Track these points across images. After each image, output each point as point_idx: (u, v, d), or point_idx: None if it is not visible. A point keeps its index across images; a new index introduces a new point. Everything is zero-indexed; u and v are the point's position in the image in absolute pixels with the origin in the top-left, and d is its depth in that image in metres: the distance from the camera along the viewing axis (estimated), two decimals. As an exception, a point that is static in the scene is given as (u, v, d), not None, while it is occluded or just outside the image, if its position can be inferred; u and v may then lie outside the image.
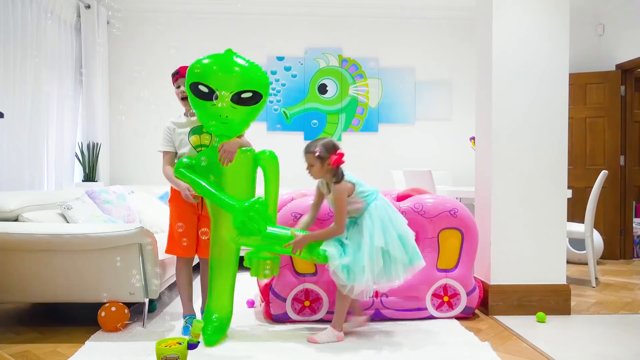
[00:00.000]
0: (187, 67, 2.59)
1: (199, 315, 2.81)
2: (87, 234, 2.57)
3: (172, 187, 2.75)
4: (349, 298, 2.52)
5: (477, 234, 2.94)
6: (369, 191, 2.54)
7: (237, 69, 2.44)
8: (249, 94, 2.44)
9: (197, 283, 2.94)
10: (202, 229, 2.71)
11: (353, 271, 2.42)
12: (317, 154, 2.47)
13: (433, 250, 2.88)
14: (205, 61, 2.45)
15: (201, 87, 2.41)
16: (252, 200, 2.41)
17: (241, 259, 2.58)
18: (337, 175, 2.50)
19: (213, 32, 5.28)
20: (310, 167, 2.53)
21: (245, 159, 2.52)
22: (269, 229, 2.46)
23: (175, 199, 2.73)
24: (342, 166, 2.53)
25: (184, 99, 2.70)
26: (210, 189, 2.43)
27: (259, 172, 2.60)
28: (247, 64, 2.46)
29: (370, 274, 2.41)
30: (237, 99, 2.43)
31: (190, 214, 2.72)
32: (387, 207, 2.55)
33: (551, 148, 3.09)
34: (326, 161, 2.48)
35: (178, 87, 2.77)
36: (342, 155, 2.49)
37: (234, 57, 2.47)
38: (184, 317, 2.74)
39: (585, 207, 3.95)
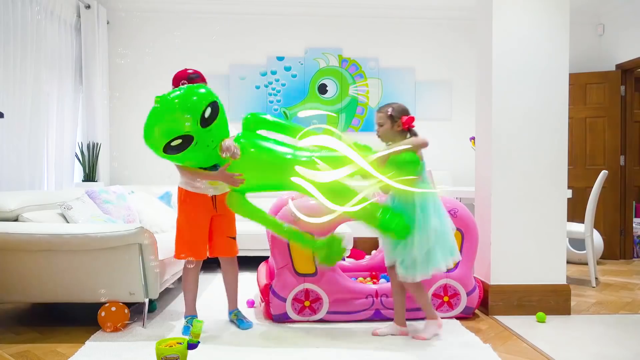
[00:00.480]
0: (183, 71, 2.59)
1: (200, 316, 2.81)
2: (87, 234, 2.57)
3: (183, 190, 2.65)
4: (404, 292, 2.60)
5: (477, 234, 2.94)
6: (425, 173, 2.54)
7: (176, 101, 2.28)
8: (209, 110, 2.31)
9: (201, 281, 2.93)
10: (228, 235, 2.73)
11: (413, 263, 2.43)
12: (389, 112, 2.51)
13: (433, 250, 2.87)
14: (154, 123, 2.31)
15: (175, 143, 2.28)
16: (328, 239, 2.48)
17: (239, 259, 2.58)
18: (411, 136, 2.51)
19: (213, 32, 5.27)
20: (379, 126, 2.55)
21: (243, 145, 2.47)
22: None
23: (187, 201, 2.64)
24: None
25: None
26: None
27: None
28: (180, 91, 2.32)
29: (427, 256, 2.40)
30: (205, 122, 2.30)
31: (204, 216, 2.66)
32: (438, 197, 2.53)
33: (551, 148, 3.09)
34: (397, 122, 2.51)
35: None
36: (413, 118, 2.51)
37: (168, 97, 2.30)
38: (185, 317, 2.74)
39: (585, 207, 3.95)
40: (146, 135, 2.32)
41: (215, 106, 2.34)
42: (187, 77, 2.58)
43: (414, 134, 2.54)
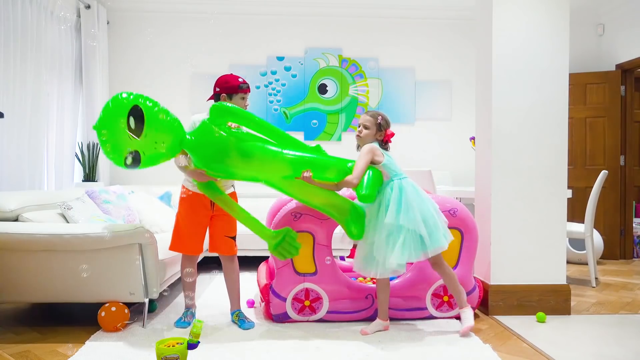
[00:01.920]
0: (226, 77, 2.67)
1: (200, 316, 2.82)
2: (87, 234, 2.57)
3: (184, 187, 2.76)
4: (387, 289, 2.68)
5: (476, 234, 2.94)
6: (398, 170, 2.62)
7: (102, 129, 2.21)
8: (131, 120, 2.19)
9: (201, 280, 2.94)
10: (226, 234, 2.78)
11: (371, 257, 2.54)
12: (379, 120, 2.63)
13: (433, 250, 2.88)
14: (105, 152, 2.27)
15: (128, 161, 2.24)
16: (283, 231, 2.55)
17: (239, 258, 2.58)
18: (382, 147, 2.63)
19: (213, 32, 5.28)
20: (364, 128, 2.64)
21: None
22: None
23: (186, 198, 2.75)
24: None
25: None
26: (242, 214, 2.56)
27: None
28: (101, 114, 2.22)
29: (390, 251, 2.47)
30: (136, 132, 2.21)
31: (202, 215, 2.75)
32: (414, 190, 2.58)
33: (551, 148, 3.09)
34: (382, 132, 2.64)
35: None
36: (393, 134, 2.67)
37: (97, 127, 2.22)
38: (185, 309, 2.82)
39: (585, 207, 3.95)
40: (111, 160, 2.30)
41: (135, 113, 2.21)
42: (238, 87, 2.66)
43: (387, 148, 2.68)
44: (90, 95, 4.81)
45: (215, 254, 2.99)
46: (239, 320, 2.78)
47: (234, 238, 2.81)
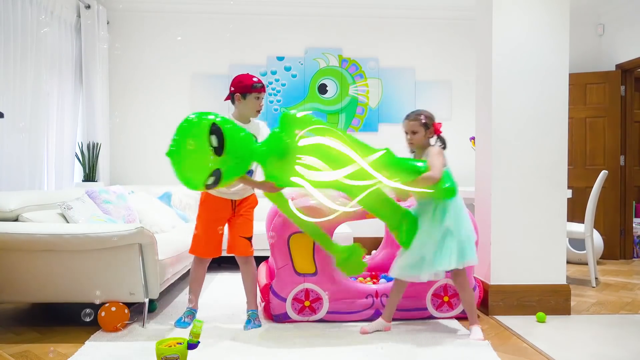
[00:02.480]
0: (241, 77, 2.65)
1: (200, 316, 2.82)
2: (87, 234, 2.57)
3: (205, 191, 2.73)
4: (402, 292, 2.68)
5: (477, 234, 2.93)
6: (453, 179, 2.60)
7: (182, 150, 2.21)
8: (213, 138, 2.20)
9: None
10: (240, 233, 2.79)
11: (419, 260, 2.54)
12: (422, 120, 2.58)
13: (433, 250, 2.87)
14: (182, 175, 2.26)
15: (209, 181, 2.24)
16: (351, 246, 2.53)
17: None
18: (441, 143, 2.62)
19: (213, 32, 5.28)
20: (413, 134, 2.61)
21: None
22: None
23: (207, 202, 2.76)
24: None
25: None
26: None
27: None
28: (176, 137, 2.21)
29: (440, 254, 2.50)
30: (218, 150, 2.22)
31: (221, 218, 2.77)
32: (461, 199, 2.63)
33: (551, 148, 3.09)
34: (430, 129, 2.60)
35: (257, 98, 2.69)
36: (441, 124, 2.64)
37: (174, 150, 2.22)
38: (187, 308, 2.85)
39: (585, 207, 3.95)
40: (190, 187, 2.31)
41: (216, 129, 2.21)
42: (252, 87, 2.63)
43: (443, 141, 2.65)
44: (90, 95, 4.81)
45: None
46: (247, 319, 2.78)
47: (249, 239, 2.81)
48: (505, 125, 3.08)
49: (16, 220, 2.79)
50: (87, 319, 2.67)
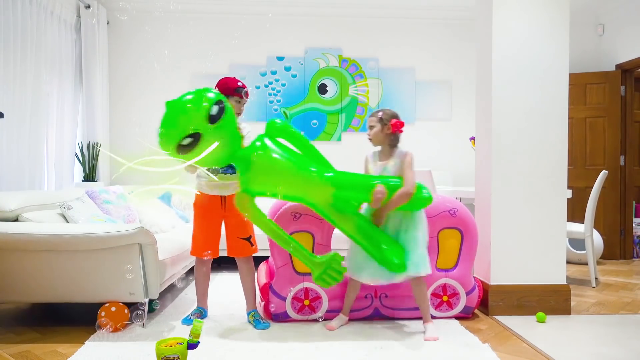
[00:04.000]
0: (226, 80, 2.73)
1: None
2: (87, 234, 2.57)
3: (196, 193, 2.81)
4: (424, 285, 2.71)
5: (476, 234, 2.94)
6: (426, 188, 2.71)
7: (183, 101, 2.35)
8: (215, 108, 2.31)
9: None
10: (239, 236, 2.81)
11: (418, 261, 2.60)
12: (379, 115, 2.71)
13: (432, 249, 2.88)
14: (164, 126, 2.35)
15: (185, 142, 2.29)
16: (328, 257, 2.51)
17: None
18: (395, 141, 2.72)
19: (213, 32, 5.28)
20: (370, 129, 2.74)
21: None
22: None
23: (198, 203, 2.81)
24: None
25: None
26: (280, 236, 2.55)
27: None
28: (189, 95, 2.36)
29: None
30: (212, 119, 2.30)
31: (214, 217, 2.79)
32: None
33: (551, 148, 3.09)
34: (386, 125, 2.69)
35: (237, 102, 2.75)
36: (402, 123, 2.71)
37: (176, 101, 2.38)
38: (196, 307, 2.92)
39: (585, 207, 3.95)
40: (160, 140, 2.35)
41: (221, 105, 2.35)
42: (235, 90, 2.71)
43: (397, 139, 2.74)
44: (90, 95, 4.81)
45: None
46: (255, 320, 2.79)
47: (247, 239, 2.83)
48: (505, 125, 3.08)
49: (16, 220, 2.79)
50: (139, 321, 2.71)
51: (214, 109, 2.31)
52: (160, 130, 2.34)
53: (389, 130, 2.70)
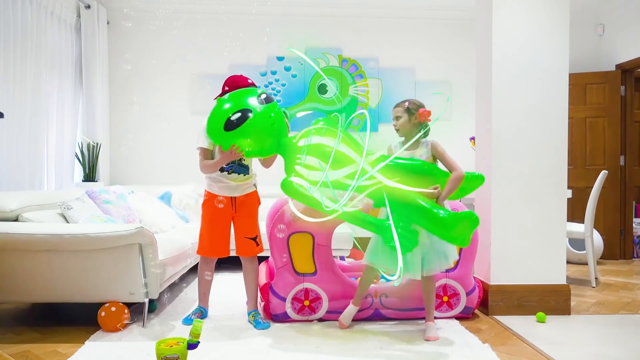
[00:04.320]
0: (236, 78, 2.76)
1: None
2: (87, 234, 2.57)
3: (206, 191, 2.82)
4: (434, 282, 2.69)
5: (476, 234, 2.94)
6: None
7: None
8: (264, 95, 2.52)
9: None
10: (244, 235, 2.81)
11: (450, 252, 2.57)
12: (406, 105, 2.67)
13: (433, 250, 2.87)
14: (217, 110, 2.50)
15: (235, 117, 2.41)
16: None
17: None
18: (424, 130, 2.67)
19: (213, 32, 5.28)
20: (396, 119, 2.70)
21: None
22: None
23: (208, 202, 2.80)
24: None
25: None
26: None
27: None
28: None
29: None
30: (263, 102, 2.52)
31: (224, 217, 2.80)
32: None
33: (551, 148, 3.09)
34: (414, 114, 2.66)
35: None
36: (429, 112, 2.67)
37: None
38: (197, 307, 2.92)
39: (585, 207, 3.95)
40: (210, 121, 2.48)
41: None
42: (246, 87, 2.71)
43: (427, 128, 2.70)
44: (90, 95, 4.82)
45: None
46: (255, 320, 2.79)
47: (254, 239, 2.84)
48: (505, 125, 3.08)
49: (16, 220, 2.78)
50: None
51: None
52: (213, 114, 2.45)
53: (417, 120, 2.68)
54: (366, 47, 5.42)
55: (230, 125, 2.41)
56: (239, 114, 2.41)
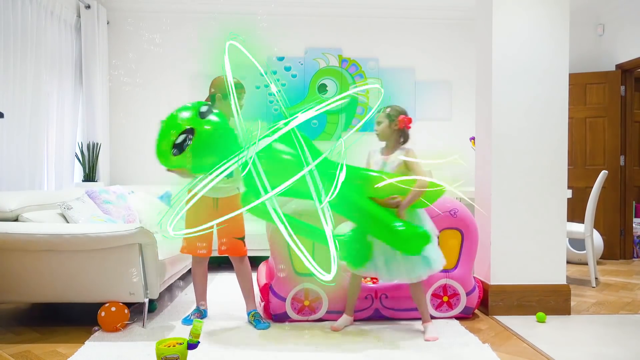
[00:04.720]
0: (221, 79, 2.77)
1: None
2: (87, 234, 2.57)
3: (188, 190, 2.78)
4: (421, 285, 2.68)
5: (477, 234, 2.94)
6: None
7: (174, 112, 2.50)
8: (204, 107, 2.54)
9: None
10: (222, 240, 2.79)
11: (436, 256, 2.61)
12: (387, 111, 2.71)
13: (433, 250, 2.87)
14: (160, 137, 2.44)
15: (179, 139, 2.37)
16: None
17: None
18: (403, 137, 2.71)
19: (213, 32, 5.27)
20: (377, 124, 2.74)
21: None
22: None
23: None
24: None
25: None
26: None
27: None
28: None
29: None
30: (202, 115, 2.52)
31: (207, 215, 2.72)
32: None
33: (551, 148, 3.09)
34: (394, 121, 2.68)
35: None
36: (410, 119, 2.70)
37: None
38: (196, 307, 2.92)
39: (585, 207, 3.95)
40: (157, 150, 2.41)
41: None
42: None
43: (407, 136, 2.72)
44: (90, 95, 4.81)
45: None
46: (255, 320, 2.78)
47: (242, 239, 2.82)
48: (506, 125, 3.08)
49: (16, 220, 2.79)
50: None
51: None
52: (158, 140, 2.38)
53: (397, 126, 2.70)
54: (366, 47, 5.41)
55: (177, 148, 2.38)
56: (182, 137, 2.37)
